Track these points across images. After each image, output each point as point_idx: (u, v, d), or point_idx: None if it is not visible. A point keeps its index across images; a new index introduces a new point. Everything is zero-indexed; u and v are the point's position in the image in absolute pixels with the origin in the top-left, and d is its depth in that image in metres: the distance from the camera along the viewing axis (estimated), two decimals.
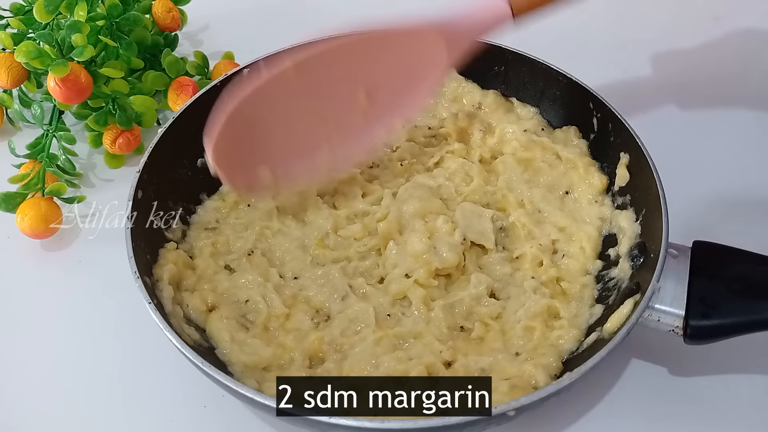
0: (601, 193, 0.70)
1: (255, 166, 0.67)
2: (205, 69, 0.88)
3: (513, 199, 0.70)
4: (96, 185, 0.81)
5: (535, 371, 0.57)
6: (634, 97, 0.73)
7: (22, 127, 0.87)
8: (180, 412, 0.62)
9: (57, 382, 0.65)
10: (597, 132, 0.72)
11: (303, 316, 0.63)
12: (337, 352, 0.60)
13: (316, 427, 0.52)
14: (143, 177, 0.65)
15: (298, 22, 1.02)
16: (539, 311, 0.62)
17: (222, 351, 0.59)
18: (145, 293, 0.56)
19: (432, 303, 0.63)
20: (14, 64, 0.77)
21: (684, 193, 0.69)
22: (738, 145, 0.85)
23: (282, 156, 0.67)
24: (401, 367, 0.57)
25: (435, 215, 0.68)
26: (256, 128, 0.66)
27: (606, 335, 0.57)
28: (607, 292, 0.63)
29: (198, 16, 0.98)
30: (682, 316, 0.57)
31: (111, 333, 0.68)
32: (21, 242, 0.74)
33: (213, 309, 0.63)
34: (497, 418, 0.50)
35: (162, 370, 0.64)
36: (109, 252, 0.67)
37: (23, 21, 0.82)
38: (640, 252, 0.62)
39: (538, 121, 0.76)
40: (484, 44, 0.76)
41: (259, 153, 0.67)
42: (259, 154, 0.67)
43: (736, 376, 0.63)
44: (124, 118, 0.78)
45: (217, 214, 0.71)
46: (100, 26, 0.76)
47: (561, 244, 0.68)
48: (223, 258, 0.67)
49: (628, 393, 0.62)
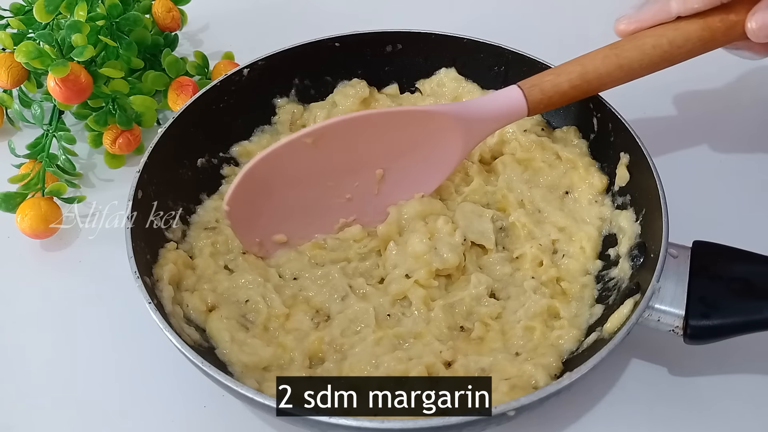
0: (601, 193, 0.70)
1: (269, 228, 0.68)
2: (205, 69, 0.88)
3: (513, 199, 0.70)
4: (96, 185, 0.81)
5: (535, 371, 0.57)
6: (635, 97, 0.73)
7: (22, 127, 0.87)
8: (180, 412, 0.62)
9: (57, 381, 0.65)
10: (597, 132, 0.72)
11: (303, 316, 0.63)
12: (337, 352, 0.60)
13: (316, 427, 0.52)
14: (143, 177, 0.65)
15: (298, 22, 1.02)
16: (539, 311, 0.62)
17: (222, 351, 0.59)
18: (145, 293, 0.56)
19: (432, 303, 0.63)
20: (14, 64, 0.77)
21: (684, 193, 0.69)
22: (738, 145, 0.85)
23: (296, 222, 0.69)
24: (401, 367, 0.57)
25: (435, 216, 0.69)
26: (273, 192, 0.67)
27: (606, 335, 0.57)
28: (607, 292, 0.63)
29: (198, 16, 0.98)
30: (682, 316, 0.57)
31: (111, 333, 0.68)
32: (21, 242, 0.74)
33: (213, 309, 0.63)
34: (497, 418, 0.50)
35: (162, 370, 0.64)
36: (109, 252, 0.67)
37: (23, 21, 0.82)
38: (640, 252, 0.62)
39: (538, 122, 0.76)
40: (484, 45, 0.77)
41: (274, 217, 0.68)
42: (274, 218, 0.68)
43: (736, 376, 0.63)
44: (124, 118, 0.78)
45: (216, 213, 0.71)
46: (100, 26, 0.76)
47: (561, 244, 0.68)
48: (223, 258, 0.67)
49: (628, 393, 0.62)
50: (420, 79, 0.80)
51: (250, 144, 0.76)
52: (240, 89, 0.75)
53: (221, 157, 0.75)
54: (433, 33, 0.78)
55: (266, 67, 0.76)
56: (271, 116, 0.78)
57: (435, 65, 0.80)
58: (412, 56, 0.79)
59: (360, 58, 0.79)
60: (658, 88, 0.90)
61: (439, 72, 0.80)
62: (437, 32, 0.78)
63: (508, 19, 0.99)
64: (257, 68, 0.76)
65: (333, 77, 0.80)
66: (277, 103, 0.78)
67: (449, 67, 0.79)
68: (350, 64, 0.79)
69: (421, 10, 1.03)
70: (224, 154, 0.75)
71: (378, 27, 0.79)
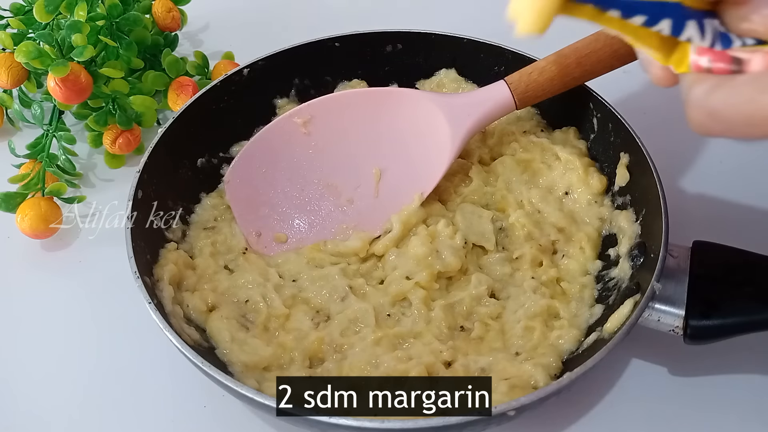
0: (600, 193, 0.70)
1: (269, 222, 0.69)
2: (205, 69, 0.88)
3: (512, 199, 0.70)
4: (96, 185, 0.81)
5: (535, 371, 0.56)
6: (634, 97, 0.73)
7: (22, 127, 0.87)
8: (180, 412, 0.62)
9: (57, 382, 0.65)
10: (597, 132, 0.72)
11: (303, 316, 0.63)
12: (336, 352, 0.60)
13: (317, 427, 0.52)
14: (143, 177, 0.65)
15: (298, 22, 1.02)
16: (539, 311, 0.62)
17: (222, 351, 0.59)
18: (145, 293, 0.56)
19: (432, 303, 0.63)
20: (14, 64, 0.77)
21: (684, 193, 0.69)
22: (738, 145, 0.85)
23: (297, 221, 0.70)
24: (401, 366, 0.57)
25: (436, 218, 0.69)
26: (273, 178, 0.70)
27: (606, 335, 0.57)
28: (607, 292, 0.63)
29: (198, 16, 0.98)
30: (682, 316, 0.57)
31: (111, 333, 0.68)
32: (21, 242, 0.74)
33: (213, 309, 0.63)
34: (497, 418, 0.50)
35: (162, 370, 0.64)
36: (109, 252, 0.67)
37: (23, 21, 0.82)
38: (640, 252, 0.62)
39: (537, 122, 0.76)
40: (484, 45, 0.76)
41: (275, 210, 0.70)
42: (275, 211, 0.70)
43: (736, 376, 0.63)
44: (124, 118, 0.78)
45: (215, 211, 0.71)
46: (100, 26, 0.76)
47: (561, 244, 0.68)
48: (223, 258, 0.67)
49: (628, 393, 0.62)
50: (420, 79, 0.80)
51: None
52: (240, 89, 0.75)
53: (221, 157, 0.75)
54: (433, 33, 0.78)
55: (266, 67, 0.76)
56: (272, 116, 0.78)
57: (435, 65, 0.80)
58: (412, 56, 0.79)
59: (360, 58, 0.79)
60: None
61: (439, 73, 0.80)
62: (437, 32, 0.78)
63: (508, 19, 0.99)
64: (257, 68, 0.76)
65: (333, 77, 0.80)
66: (278, 104, 0.78)
67: (449, 67, 0.79)
68: (350, 64, 0.79)
69: (421, 10, 1.03)
70: (224, 154, 0.75)
71: (378, 27, 0.79)
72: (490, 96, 0.68)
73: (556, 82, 0.67)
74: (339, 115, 0.70)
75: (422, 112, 0.69)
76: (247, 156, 0.70)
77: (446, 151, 0.68)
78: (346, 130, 0.70)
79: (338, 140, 0.70)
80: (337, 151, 0.71)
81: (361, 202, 0.70)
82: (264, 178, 0.70)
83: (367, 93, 0.71)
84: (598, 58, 0.66)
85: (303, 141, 0.70)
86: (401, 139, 0.70)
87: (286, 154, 0.70)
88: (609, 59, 0.66)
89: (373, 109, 0.70)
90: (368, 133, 0.70)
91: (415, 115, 0.69)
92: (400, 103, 0.70)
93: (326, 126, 0.70)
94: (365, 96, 0.71)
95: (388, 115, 0.70)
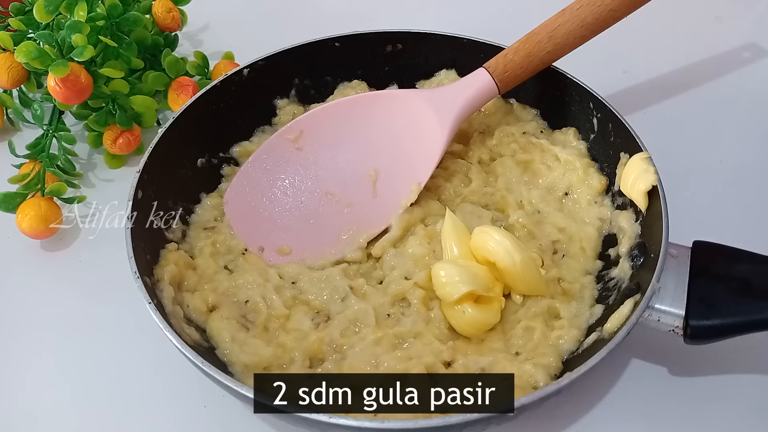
0: (600, 194, 0.70)
1: (271, 236, 0.70)
2: (205, 69, 0.88)
3: (512, 200, 0.70)
4: (96, 185, 0.81)
5: (535, 371, 0.57)
6: (634, 97, 0.73)
7: (22, 127, 0.87)
8: (180, 412, 0.62)
9: (57, 382, 0.65)
10: (597, 132, 0.72)
11: (303, 316, 0.63)
12: (337, 352, 0.60)
13: (316, 426, 0.52)
14: (143, 177, 0.65)
15: (298, 22, 1.02)
16: (539, 311, 0.62)
17: (222, 351, 0.59)
18: (145, 293, 0.56)
19: (431, 303, 0.63)
20: (14, 64, 0.77)
21: (684, 193, 0.69)
22: (738, 145, 0.85)
23: (299, 233, 0.70)
24: (401, 366, 0.57)
25: (434, 217, 0.68)
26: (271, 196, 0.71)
27: (606, 335, 0.57)
28: (607, 292, 0.63)
29: (198, 16, 0.98)
30: (682, 316, 0.57)
31: (111, 333, 0.68)
32: (21, 242, 0.74)
33: (213, 309, 0.63)
34: (497, 418, 0.50)
35: (162, 370, 0.64)
36: (109, 252, 0.67)
37: (23, 21, 0.82)
38: (640, 252, 0.62)
39: (537, 123, 0.76)
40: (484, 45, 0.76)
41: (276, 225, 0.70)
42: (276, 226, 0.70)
43: (736, 376, 0.63)
44: (124, 118, 0.78)
45: (215, 212, 0.71)
46: (100, 26, 0.76)
47: (561, 244, 0.68)
48: (223, 258, 0.67)
49: (628, 393, 0.62)
50: (420, 79, 0.80)
51: (250, 144, 0.76)
52: (240, 89, 0.75)
53: (221, 157, 0.75)
54: (433, 33, 0.78)
55: (266, 67, 0.76)
56: (272, 117, 0.78)
57: (435, 65, 0.80)
58: (412, 56, 0.79)
59: (360, 58, 0.79)
60: (658, 88, 0.90)
61: (439, 73, 0.80)
62: (437, 32, 0.78)
63: (508, 19, 0.99)
64: (257, 68, 0.76)
65: (333, 77, 0.80)
66: (278, 104, 0.78)
67: (449, 68, 0.79)
68: (350, 65, 0.79)
69: (421, 10, 1.03)
70: (224, 154, 0.75)
71: (378, 27, 0.79)
72: (472, 83, 0.70)
73: (533, 58, 0.69)
74: (329, 125, 0.71)
75: (409, 109, 0.70)
76: (243, 177, 0.71)
77: (437, 140, 0.69)
78: (338, 139, 0.71)
79: (331, 149, 0.71)
80: (332, 159, 0.72)
81: (361, 203, 0.70)
82: (262, 196, 0.71)
83: (353, 100, 0.72)
84: (567, 30, 0.68)
85: (296, 156, 0.71)
86: (392, 138, 0.71)
87: (282, 171, 0.71)
88: (578, 29, 0.68)
89: (362, 114, 0.71)
90: (360, 137, 0.71)
91: (403, 113, 0.70)
92: (387, 105, 0.71)
93: (317, 138, 0.71)
94: (352, 103, 0.72)
95: (377, 117, 0.71)
